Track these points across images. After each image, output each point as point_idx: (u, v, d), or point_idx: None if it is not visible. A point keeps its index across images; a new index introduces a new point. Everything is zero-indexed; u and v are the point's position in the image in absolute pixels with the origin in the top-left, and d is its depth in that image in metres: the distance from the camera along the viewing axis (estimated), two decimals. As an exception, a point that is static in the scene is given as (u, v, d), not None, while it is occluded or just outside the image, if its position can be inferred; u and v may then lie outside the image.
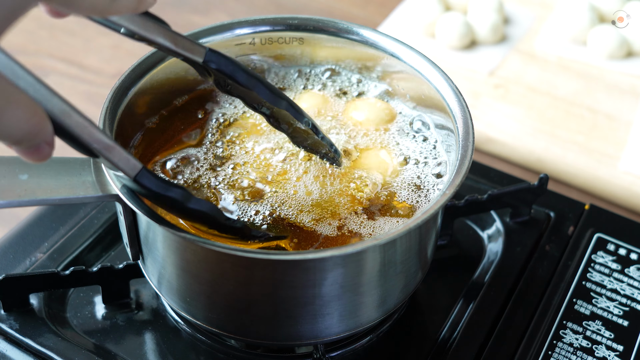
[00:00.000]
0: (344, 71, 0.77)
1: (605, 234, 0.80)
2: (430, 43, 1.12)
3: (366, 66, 0.75)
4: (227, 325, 0.66)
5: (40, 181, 0.59)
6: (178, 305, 0.66)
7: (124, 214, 0.62)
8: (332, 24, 0.74)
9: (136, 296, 0.75)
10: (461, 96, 0.67)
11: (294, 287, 0.60)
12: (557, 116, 1.02)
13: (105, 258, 0.79)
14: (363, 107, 0.74)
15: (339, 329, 0.64)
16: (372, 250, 0.59)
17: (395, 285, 0.64)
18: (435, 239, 0.68)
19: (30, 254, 0.77)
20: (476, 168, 0.87)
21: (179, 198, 0.56)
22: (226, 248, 0.56)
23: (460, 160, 0.61)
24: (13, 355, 0.69)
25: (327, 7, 1.25)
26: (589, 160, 0.96)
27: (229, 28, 0.73)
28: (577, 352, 0.70)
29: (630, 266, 0.78)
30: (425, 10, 1.13)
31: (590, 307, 0.74)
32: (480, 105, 1.03)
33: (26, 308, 0.72)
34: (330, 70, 0.77)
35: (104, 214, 0.81)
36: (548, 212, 0.83)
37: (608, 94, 1.05)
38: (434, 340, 0.72)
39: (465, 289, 0.77)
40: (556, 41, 1.13)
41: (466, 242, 0.82)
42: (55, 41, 1.16)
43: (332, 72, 0.77)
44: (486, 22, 1.11)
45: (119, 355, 0.70)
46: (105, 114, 0.63)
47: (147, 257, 0.64)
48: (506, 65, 1.09)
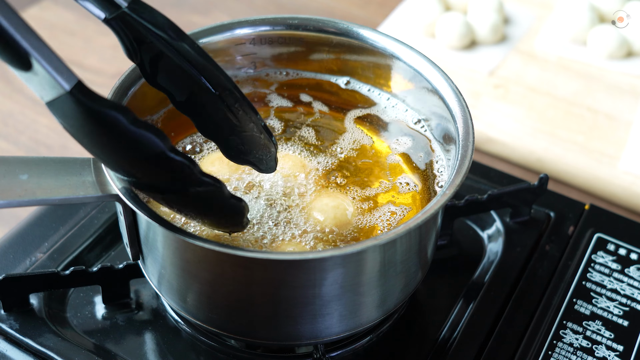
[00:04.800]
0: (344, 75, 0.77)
1: (605, 234, 0.80)
2: (430, 43, 1.12)
3: (365, 66, 0.75)
4: (227, 325, 0.66)
5: (40, 181, 0.59)
6: (178, 305, 0.66)
7: (124, 214, 0.62)
8: (332, 24, 0.74)
9: (136, 296, 0.75)
10: (461, 96, 0.67)
11: (294, 287, 0.60)
12: (557, 116, 1.02)
13: (105, 258, 0.79)
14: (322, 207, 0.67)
15: (339, 329, 0.64)
16: (372, 250, 0.59)
17: (395, 285, 0.64)
18: (435, 239, 0.67)
19: (30, 254, 0.77)
20: (476, 168, 0.87)
21: (121, 117, 0.48)
22: (226, 248, 0.56)
23: (460, 160, 0.61)
24: (13, 355, 0.69)
25: (327, 7, 1.25)
26: (589, 160, 0.96)
27: (229, 28, 0.73)
28: (577, 352, 0.70)
29: (630, 266, 0.78)
30: (425, 10, 1.13)
31: (590, 307, 0.74)
32: (480, 105, 1.03)
33: (26, 308, 0.72)
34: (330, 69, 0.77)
35: (104, 214, 0.81)
36: (548, 212, 0.83)
37: (608, 94, 1.05)
38: (434, 340, 0.72)
39: (465, 289, 0.77)
40: (556, 41, 1.13)
41: (466, 242, 0.82)
42: (55, 41, 1.16)
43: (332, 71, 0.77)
44: (486, 22, 1.11)
45: (119, 355, 0.70)
46: (105, 114, 0.63)
47: (147, 257, 0.64)
48: (506, 65, 1.09)
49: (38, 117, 1.04)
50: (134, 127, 0.49)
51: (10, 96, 1.07)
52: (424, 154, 0.71)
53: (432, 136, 0.72)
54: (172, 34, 0.60)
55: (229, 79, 0.63)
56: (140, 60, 0.62)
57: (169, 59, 0.61)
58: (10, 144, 1.00)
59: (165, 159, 0.51)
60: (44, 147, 0.99)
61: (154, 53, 0.61)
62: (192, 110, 0.65)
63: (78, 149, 0.98)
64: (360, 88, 0.76)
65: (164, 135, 0.50)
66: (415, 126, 0.73)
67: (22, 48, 0.46)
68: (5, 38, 0.46)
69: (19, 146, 1.00)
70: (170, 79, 0.62)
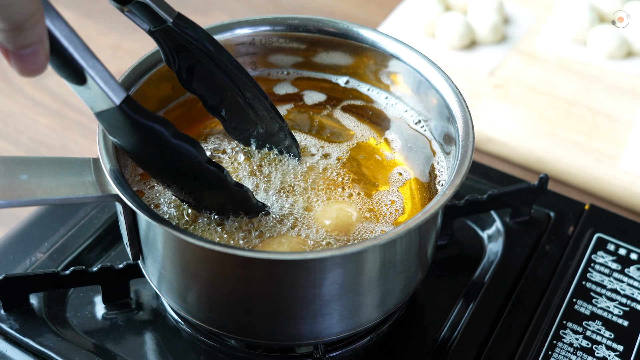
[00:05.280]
0: (344, 75, 0.77)
1: (605, 234, 0.80)
2: (430, 43, 1.12)
3: (366, 65, 0.75)
4: (227, 325, 0.66)
5: (40, 181, 0.59)
6: (178, 305, 0.66)
7: (124, 214, 0.62)
8: (332, 24, 0.74)
9: (136, 296, 0.75)
10: (461, 96, 0.67)
11: (294, 287, 0.60)
12: (557, 116, 1.02)
13: (105, 258, 0.79)
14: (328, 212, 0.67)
15: (339, 329, 0.64)
16: (372, 250, 0.59)
17: (395, 285, 0.64)
18: (435, 239, 0.67)
19: (30, 254, 0.77)
20: (476, 168, 0.87)
21: (164, 129, 0.54)
22: (226, 248, 0.56)
23: (460, 160, 0.61)
24: (13, 355, 0.69)
25: (327, 7, 1.25)
26: (589, 160, 0.96)
27: (229, 28, 0.73)
28: (577, 352, 0.70)
29: (630, 266, 0.78)
30: (425, 10, 1.13)
31: (590, 307, 0.74)
32: (480, 105, 1.03)
33: (26, 308, 0.72)
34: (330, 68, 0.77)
35: (104, 214, 0.81)
36: (548, 212, 0.83)
37: (608, 94, 1.05)
38: (434, 340, 0.72)
39: (465, 289, 0.77)
40: (556, 41, 1.13)
41: (466, 242, 0.82)
42: (55, 41, 1.16)
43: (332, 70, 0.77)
44: (486, 22, 1.11)
45: (119, 355, 0.70)
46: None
47: (147, 257, 0.64)
48: (506, 65, 1.09)
49: (38, 117, 1.04)
50: (175, 140, 0.55)
51: (10, 96, 1.07)
52: (423, 154, 0.71)
53: (432, 136, 0.72)
54: (210, 47, 0.65)
55: (260, 90, 0.68)
56: (178, 68, 0.66)
57: (204, 68, 0.66)
58: (10, 144, 1.00)
59: (202, 168, 0.57)
60: (44, 147, 0.99)
61: (191, 62, 0.66)
62: (221, 114, 0.69)
63: (78, 149, 0.99)
64: (360, 87, 0.76)
65: (200, 148, 0.56)
66: (416, 126, 0.73)
67: (78, 65, 0.50)
68: (64, 56, 0.50)
69: (19, 146, 1.00)
70: (205, 85, 0.67)
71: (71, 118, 1.04)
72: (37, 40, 0.47)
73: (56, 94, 1.07)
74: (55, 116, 1.04)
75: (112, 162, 0.60)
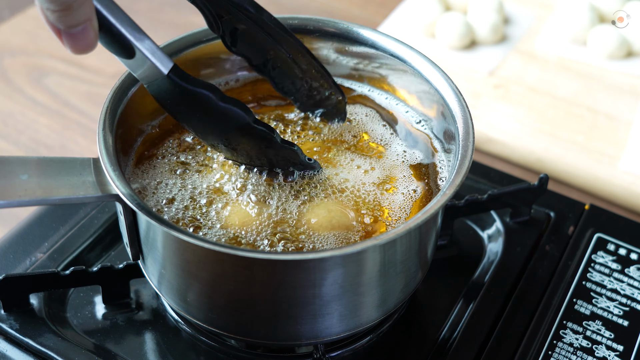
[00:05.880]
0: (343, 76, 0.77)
1: (605, 234, 0.80)
2: (430, 43, 1.12)
3: (365, 64, 0.75)
4: (227, 325, 0.66)
5: (40, 181, 0.59)
6: (178, 305, 0.66)
7: (124, 214, 0.62)
8: (332, 24, 0.74)
9: (136, 296, 0.75)
10: (461, 96, 0.67)
11: (294, 287, 0.60)
12: (557, 116, 1.02)
13: (105, 258, 0.79)
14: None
15: (339, 329, 0.64)
16: (372, 250, 0.59)
17: (395, 285, 0.64)
18: (435, 239, 0.68)
19: (30, 254, 0.77)
20: (476, 168, 0.87)
21: (212, 94, 0.57)
22: (226, 248, 0.56)
23: (460, 160, 0.61)
24: (13, 355, 0.69)
25: (327, 7, 1.26)
26: (589, 160, 0.96)
27: (229, 28, 0.73)
28: (577, 352, 0.70)
29: (630, 266, 0.78)
30: (425, 10, 1.13)
31: (590, 307, 0.74)
32: (480, 105, 1.03)
33: (26, 308, 0.72)
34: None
35: (104, 214, 0.81)
36: (548, 212, 0.83)
37: (608, 94, 1.05)
38: (434, 340, 0.72)
39: (465, 289, 0.77)
40: (556, 41, 1.13)
41: (466, 242, 0.82)
42: (55, 41, 1.15)
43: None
44: (486, 22, 1.11)
45: (119, 355, 0.70)
46: (105, 114, 0.63)
47: (147, 257, 0.64)
48: (506, 65, 1.09)
49: (38, 117, 1.04)
50: (223, 103, 0.58)
51: (10, 96, 1.07)
52: (424, 154, 0.71)
53: (433, 136, 0.72)
54: (251, 9, 0.67)
55: (302, 45, 0.69)
56: (222, 32, 0.68)
57: (247, 30, 0.67)
58: (10, 144, 1.00)
59: (251, 128, 0.60)
60: (44, 147, 0.99)
61: (233, 25, 0.67)
62: (267, 72, 0.71)
63: (78, 149, 0.99)
64: (360, 87, 0.76)
65: (248, 109, 0.59)
66: (416, 126, 0.73)
67: (126, 40, 0.54)
68: (113, 32, 0.53)
69: (19, 146, 1.00)
70: (249, 46, 0.69)
71: (71, 118, 1.04)
72: (86, 19, 0.50)
73: (56, 94, 1.07)
74: (55, 116, 1.04)
75: (112, 162, 0.60)
